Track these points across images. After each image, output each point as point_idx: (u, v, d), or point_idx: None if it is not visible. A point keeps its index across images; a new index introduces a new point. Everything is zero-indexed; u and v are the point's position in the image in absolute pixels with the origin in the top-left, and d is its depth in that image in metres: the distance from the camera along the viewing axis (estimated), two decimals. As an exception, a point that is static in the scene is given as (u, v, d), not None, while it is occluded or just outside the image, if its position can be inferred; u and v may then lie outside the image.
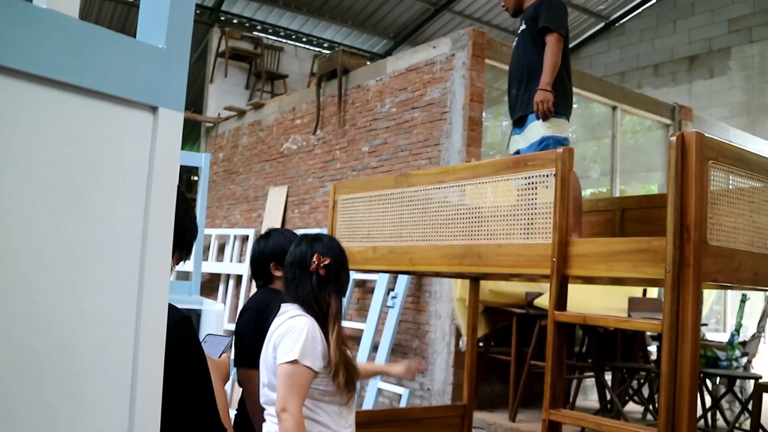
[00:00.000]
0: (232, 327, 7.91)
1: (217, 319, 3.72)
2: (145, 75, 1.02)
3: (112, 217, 0.95)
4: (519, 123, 4.21)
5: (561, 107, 4.11)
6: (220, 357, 1.77)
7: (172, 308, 1.44)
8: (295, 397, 2.44)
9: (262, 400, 2.71)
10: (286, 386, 2.46)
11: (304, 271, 2.66)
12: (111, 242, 0.95)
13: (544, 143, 3.98)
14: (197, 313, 3.76)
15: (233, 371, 3.12)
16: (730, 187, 2.84)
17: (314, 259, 2.65)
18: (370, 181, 4.47)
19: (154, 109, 1.03)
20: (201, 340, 1.79)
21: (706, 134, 2.76)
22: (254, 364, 3.04)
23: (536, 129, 4.05)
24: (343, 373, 2.55)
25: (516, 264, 3.18)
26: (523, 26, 4.22)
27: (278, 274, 3.24)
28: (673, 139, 2.63)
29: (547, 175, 3.06)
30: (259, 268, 3.29)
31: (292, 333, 2.53)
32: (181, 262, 1.70)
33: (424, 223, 3.65)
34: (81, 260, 0.91)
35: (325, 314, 2.62)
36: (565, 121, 4.12)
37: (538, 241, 3.06)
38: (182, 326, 1.44)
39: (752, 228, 2.94)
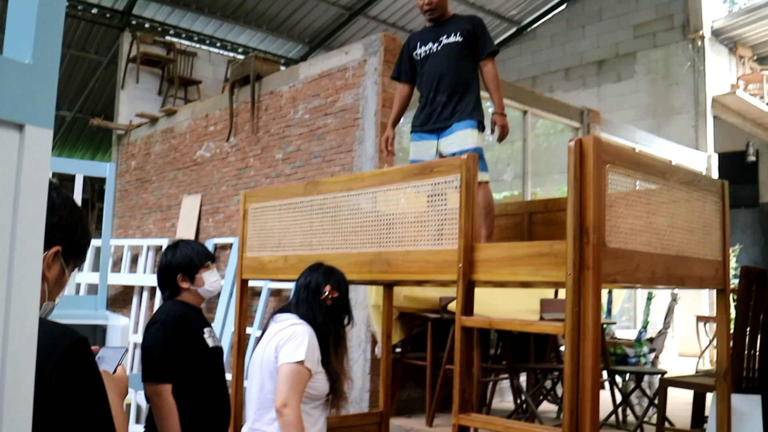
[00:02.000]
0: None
1: (123, 334, 3.64)
2: (11, 92, 0.99)
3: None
4: (439, 129, 4.30)
5: (482, 122, 4.30)
6: (115, 371, 1.73)
7: (66, 330, 1.41)
8: (296, 394, 2.71)
9: (256, 408, 2.90)
10: (290, 384, 2.73)
11: (316, 297, 2.97)
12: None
13: (476, 153, 4.12)
14: (102, 329, 3.67)
15: (131, 392, 3.05)
16: (628, 189, 2.92)
17: (326, 289, 2.98)
18: (280, 189, 4.44)
19: (20, 127, 1.00)
20: (97, 356, 1.75)
21: (610, 136, 2.85)
22: (164, 378, 2.98)
23: (470, 137, 4.19)
24: (339, 383, 2.93)
25: (424, 270, 3.21)
26: (457, 38, 4.30)
27: (185, 285, 3.20)
28: (572, 144, 2.69)
29: (453, 182, 3.10)
30: (166, 280, 3.24)
31: (297, 337, 2.80)
32: (77, 271, 1.67)
33: (333, 231, 3.65)
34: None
35: (322, 335, 2.91)
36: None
37: (445, 247, 3.09)
38: (76, 348, 1.40)
39: (649, 229, 3.03)
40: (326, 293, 2.98)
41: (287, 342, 2.81)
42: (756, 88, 13.26)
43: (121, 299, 9.91)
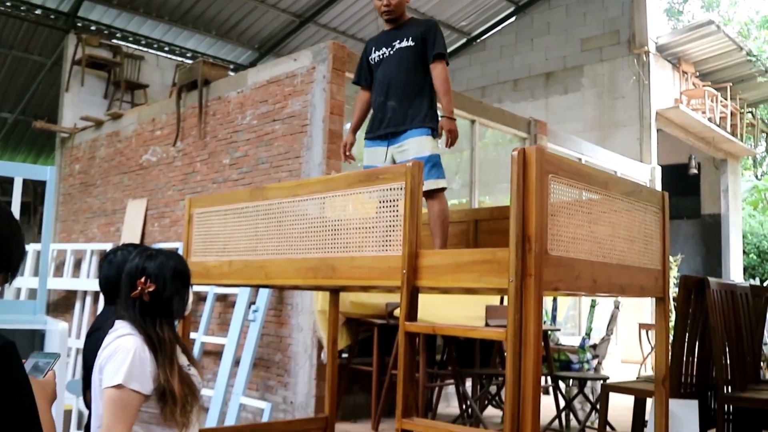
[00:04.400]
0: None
1: (61, 338, 3.56)
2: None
3: None
4: (391, 134, 4.26)
5: (437, 129, 4.27)
6: (45, 376, 1.70)
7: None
8: (120, 424, 2.29)
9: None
10: (111, 412, 2.31)
11: (130, 292, 2.48)
12: None
13: (433, 161, 4.12)
14: (41, 334, 3.60)
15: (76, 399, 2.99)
16: (570, 199, 2.96)
17: (138, 283, 2.46)
18: (226, 194, 4.41)
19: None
20: (27, 360, 1.72)
21: (556, 147, 2.89)
22: None
23: (424, 144, 4.15)
24: (174, 401, 2.38)
25: (369, 276, 3.21)
26: (409, 43, 4.25)
27: (128, 290, 3.14)
28: (515, 153, 2.72)
29: (398, 189, 3.11)
30: (109, 285, 3.17)
31: (119, 354, 2.37)
32: (7, 284, 1.64)
33: (279, 237, 3.63)
34: None
35: (152, 341, 2.43)
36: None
37: (389, 253, 3.10)
38: (2, 353, 1.37)
39: (591, 238, 3.07)
40: (138, 288, 2.46)
41: (109, 361, 2.39)
42: (698, 104, 13.61)
43: (63, 304, 9.71)
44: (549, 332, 6.74)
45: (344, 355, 6.28)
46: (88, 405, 3.02)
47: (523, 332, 2.64)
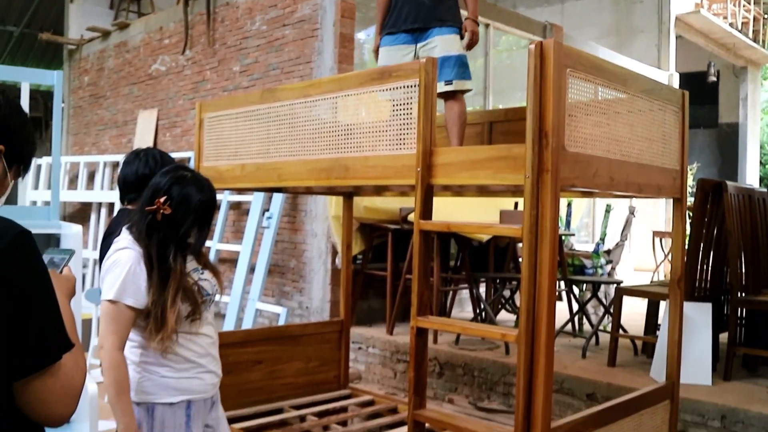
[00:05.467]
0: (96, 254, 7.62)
1: (76, 240, 3.58)
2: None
3: None
4: (419, 30, 4.21)
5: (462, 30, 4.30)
6: (61, 271, 1.69)
7: (9, 223, 1.36)
8: (111, 334, 2.30)
9: None
10: (104, 324, 2.34)
11: (147, 204, 2.40)
12: None
13: (462, 60, 4.24)
14: (56, 237, 3.61)
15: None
16: (589, 96, 2.89)
17: (157, 201, 2.36)
18: (236, 97, 4.35)
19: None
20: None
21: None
22: None
23: (452, 43, 4.19)
24: (157, 329, 2.33)
25: (383, 175, 3.17)
26: None
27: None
28: (532, 47, 2.64)
29: (412, 86, 3.04)
30: (126, 184, 3.13)
31: (115, 268, 2.36)
32: (20, 178, 1.62)
33: (291, 138, 3.59)
34: None
35: (150, 259, 2.37)
36: None
37: (403, 151, 3.06)
38: (20, 240, 1.36)
39: (609, 136, 3.01)
40: (155, 206, 2.36)
41: (107, 273, 2.38)
42: (720, 8, 13.23)
43: (78, 216, 9.79)
44: (563, 237, 6.74)
45: (358, 261, 6.31)
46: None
47: (539, 228, 2.61)
